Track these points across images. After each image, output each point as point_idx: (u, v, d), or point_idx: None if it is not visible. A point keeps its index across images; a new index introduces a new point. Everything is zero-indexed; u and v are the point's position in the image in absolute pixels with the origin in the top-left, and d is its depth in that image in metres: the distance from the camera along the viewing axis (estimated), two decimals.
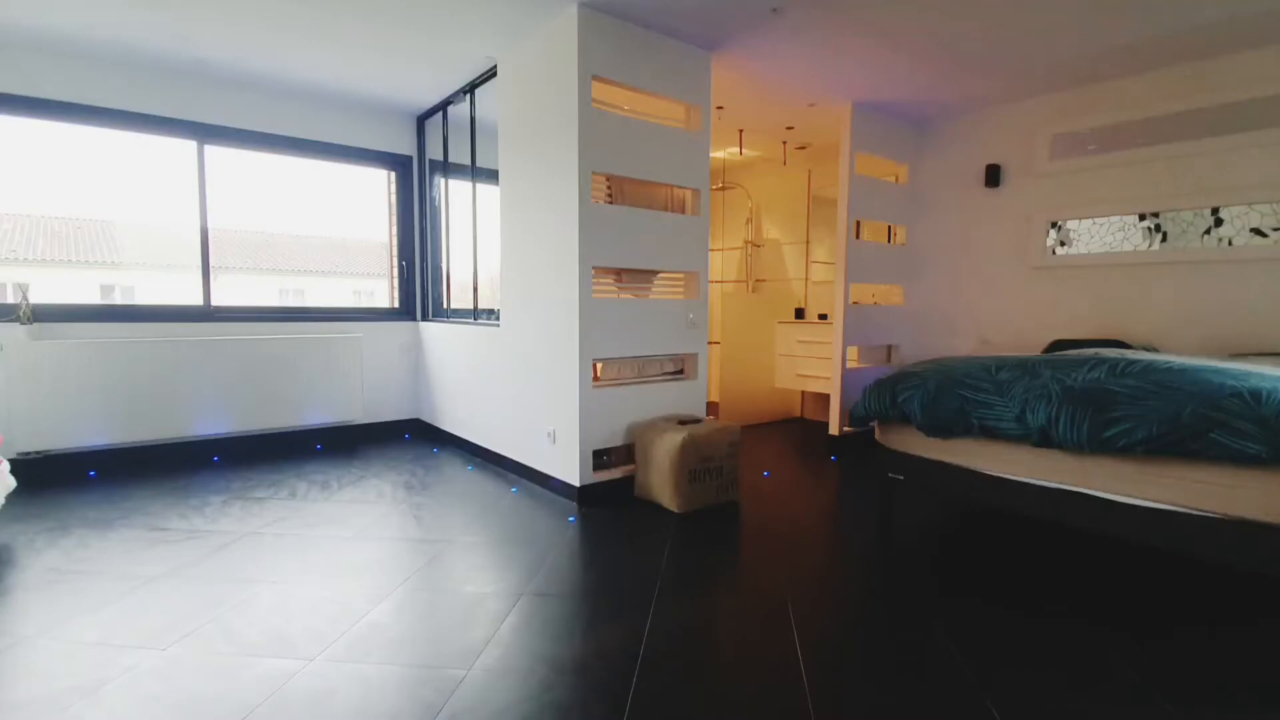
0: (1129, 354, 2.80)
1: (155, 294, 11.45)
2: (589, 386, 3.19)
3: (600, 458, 3.36)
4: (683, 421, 3.28)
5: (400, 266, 4.87)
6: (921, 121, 4.76)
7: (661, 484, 3.12)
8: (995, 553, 2.75)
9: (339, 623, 2.06)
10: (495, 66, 3.69)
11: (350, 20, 3.18)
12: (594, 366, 3.27)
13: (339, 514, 3.12)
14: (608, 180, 3.24)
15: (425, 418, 4.92)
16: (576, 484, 3.22)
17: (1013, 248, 4.39)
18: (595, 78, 3.06)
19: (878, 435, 2.96)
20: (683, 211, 3.50)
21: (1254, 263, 3.45)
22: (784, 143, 5.26)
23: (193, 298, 4.14)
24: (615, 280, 3.36)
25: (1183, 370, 2.21)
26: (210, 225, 4.10)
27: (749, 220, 6.03)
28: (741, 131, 4.96)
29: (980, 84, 3.95)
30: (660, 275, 3.54)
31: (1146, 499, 2.14)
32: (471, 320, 4.26)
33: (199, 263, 4.09)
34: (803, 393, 5.84)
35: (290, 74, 3.91)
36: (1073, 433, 2.21)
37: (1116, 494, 2.20)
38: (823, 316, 5.37)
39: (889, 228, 5.04)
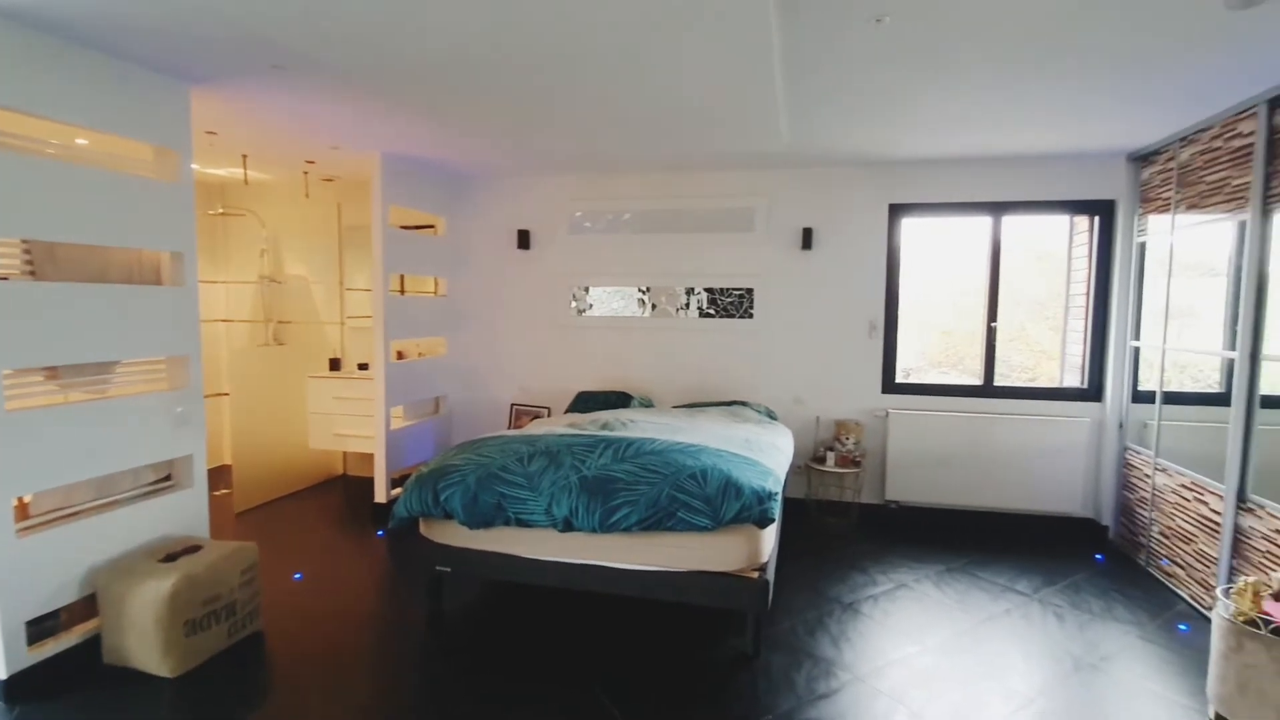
0: (629, 426, 3.45)
1: None
2: (11, 534, 2.29)
3: (43, 623, 2.46)
4: (172, 555, 2.64)
5: None
6: (458, 178, 4.95)
7: (145, 646, 2.46)
8: (534, 629, 3.02)
9: None
10: None
11: None
12: (18, 503, 2.36)
13: None
14: (25, 247, 2.36)
15: None
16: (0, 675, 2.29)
17: (544, 307, 4.96)
18: None
19: (422, 529, 2.95)
20: (157, 281, 2.81)
21: (704, 333, 4.69)
22: (305, 173, 4.77)
23: None
24: (49, 378, 2.48)
25: (661, 452, 2.82)
26: None
27: (264, 252, 5.29)
28: (245, 156, 4.28)
29: (505, 158, 4.30)
30: (124, 364, 2.76)
31: (642, 564, 2.68)
32: None
33: None
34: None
35: None
36: (588, 520, 2.61)
37: (622, 562, 2.69)
38: (363, 366, 5.10)
39: (435, 279, 5.09)
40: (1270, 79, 2.68)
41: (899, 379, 4.50)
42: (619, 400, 4.50)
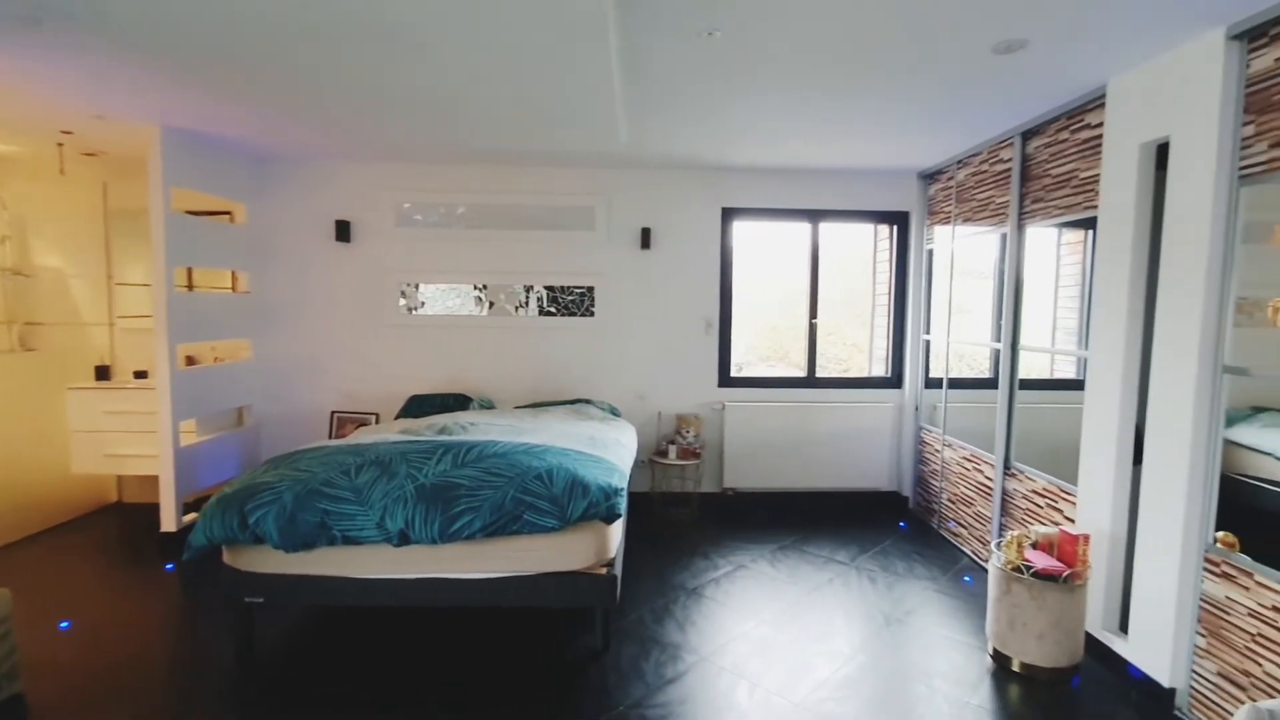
0: (469, 429, 3.37)
1: None
2: None
3: None
4: None
5: None
6: (261, 159, 4.49)
7: None
8: (365, 652, 2.86)
9: None
10: None
11: None
12: None
13: None
14: None
15: None
16: None
17: (370, 304, 4.66)
18: None
19: (226, 558, 2.67)
20: None
21: (545, 331, 4.70)
22: (60, 145, 4.07)
23: None
24: None
25: (505, 454, 2.79)
26: None
27: (4, 240, 4.44)
28: None
29: (317, 140, 3.98)
30: None
31: (487, 571, 2.64)
32: None
33: None
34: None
35: None
36: (426, 531, 2.52)
37: (465, 572, 2.63)
38: (141, 374, 4.46)
39: (233, 273, 4.58)
40: (1024, 114, 3.25)
41: (733, 373, 4.84)
42: (457, 403, 4.38)
